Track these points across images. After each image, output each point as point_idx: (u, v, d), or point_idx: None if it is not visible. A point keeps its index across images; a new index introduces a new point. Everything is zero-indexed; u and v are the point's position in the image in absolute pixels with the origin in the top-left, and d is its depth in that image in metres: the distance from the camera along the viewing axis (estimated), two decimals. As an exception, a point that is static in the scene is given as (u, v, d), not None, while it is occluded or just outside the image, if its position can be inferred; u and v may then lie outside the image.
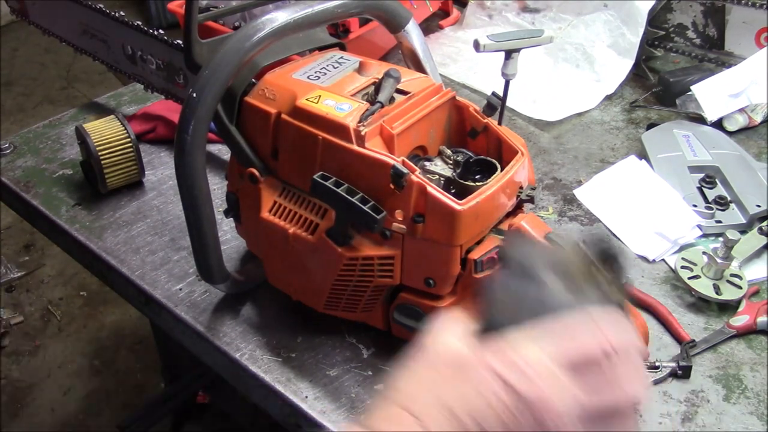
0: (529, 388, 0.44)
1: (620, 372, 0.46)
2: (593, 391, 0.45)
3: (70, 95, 3.44)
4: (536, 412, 0.44)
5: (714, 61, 1.43)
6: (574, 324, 0.47)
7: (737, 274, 0.96)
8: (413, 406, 0.46)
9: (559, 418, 0.44)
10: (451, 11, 1.65)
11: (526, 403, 0.44)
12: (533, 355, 0.46)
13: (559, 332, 0.47)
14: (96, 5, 1.22)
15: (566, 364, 0.45)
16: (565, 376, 0.45)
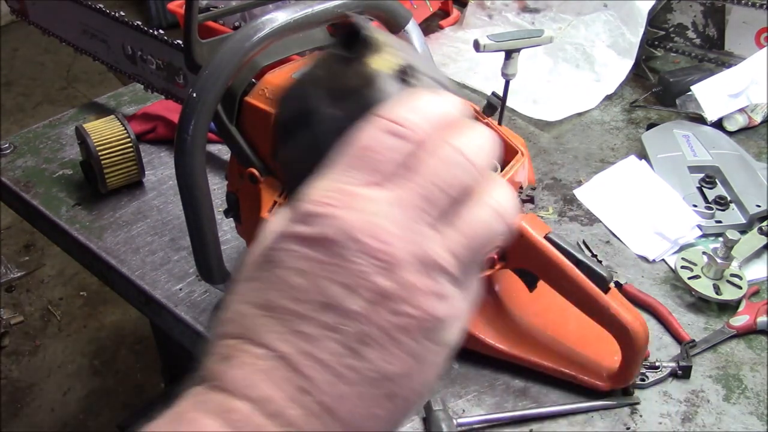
0: (323, 227, 0.36)
1: (432, 152, 0.38)
2: (404, 188, 0.37)
3: (70, 95, 3.44)
4: (342, 244, 0.36)
5: (714, 61, 1.43)
6: (359, 133, 0.38)
7: (737, 274, 0.96)
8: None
9: (379, 235, 0.36)
10: (451, 11, 1.65)
11: (328, 242, 0.36)
12: (321, 187, 0.37)
13: (344, 152, 0.38)
14: (96, 5, 1.22)
15: (356, 173, 0.37)
16: (362, 187, 0.37)
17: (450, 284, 0.37)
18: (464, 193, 0.39)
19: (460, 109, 0.41)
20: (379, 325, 0.36)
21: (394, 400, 0.37)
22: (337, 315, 0.35)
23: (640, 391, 0.83)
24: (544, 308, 0.86)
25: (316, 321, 0.36)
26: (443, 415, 0.78)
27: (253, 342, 0.36)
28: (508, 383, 0.84)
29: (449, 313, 0.38)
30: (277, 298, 0.36)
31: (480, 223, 0.39)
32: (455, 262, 0.37)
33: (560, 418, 0.81)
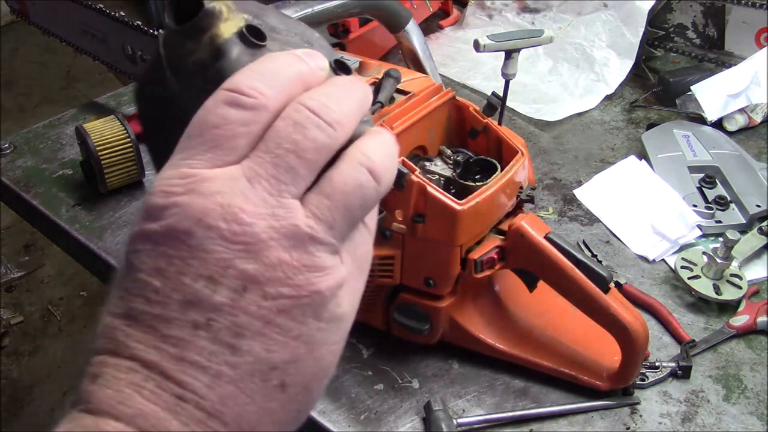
0: (171, 218, 0.33)
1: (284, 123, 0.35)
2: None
3: (70, 95, 3.44)
4: (194, 233, 0.33)
5: (714, 61, 1.43)
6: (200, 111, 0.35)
7: (737, 274, 0.96)
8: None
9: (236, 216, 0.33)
10: (451, 11, 1.65)
11: (178, 234, 0.33)
12: (164, 176, 0.34)
13: (187, 134, 0.35)
14: (96, 5, 1.22)
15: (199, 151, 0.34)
16: (208, 168, 0.34)
17: (326, 253, 0.34)
18: (328, 154, 0.35)
19: (317, 65, 0.37)
20: (252, 312, 0.33)
21: (288, 390, 0.34)
22: (203, 311, 0.33)
23: (640, 391, 0.83)
24: (544, 308, 0.86)
25: (181, 322, 0.33)
26: (443, 415, 0.78)
27: (120, 355, 0.33)
28: (508, 383, 0.84)
29: (331, 284, 0.35)
30: (140, 303, 0.33)
31: (347, 181, 0.35)
32: (325, 228, 0.34)
33: (560, 418, 0.81)
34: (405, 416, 0.81)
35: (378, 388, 0.84)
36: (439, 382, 0.84)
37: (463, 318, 0.84)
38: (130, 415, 0.32)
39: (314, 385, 0.36)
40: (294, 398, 0.35)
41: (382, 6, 0.97)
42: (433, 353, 0.87)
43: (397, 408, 0.81)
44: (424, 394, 0.83)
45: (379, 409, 0.81)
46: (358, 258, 0.37)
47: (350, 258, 0.36)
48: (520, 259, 0.80)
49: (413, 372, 0.85)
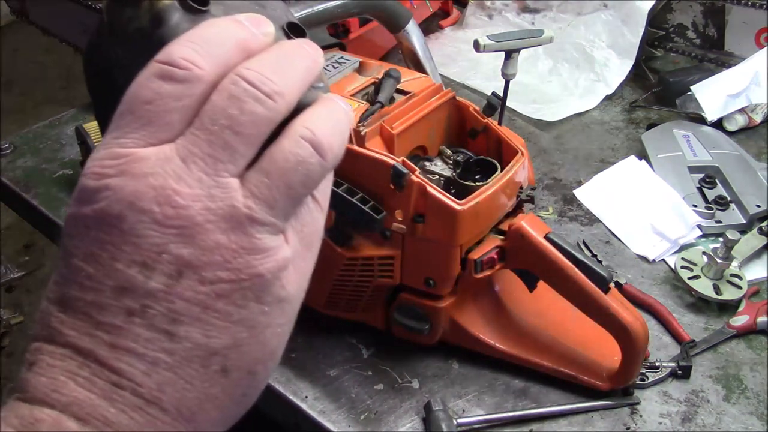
0: (102, 201, 0.32)
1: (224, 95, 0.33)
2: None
3: (70, 95, 3.44)
4: (126, 217, 0.32)
5: (714, 61, 1.43)
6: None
7: (737, 274, 0.96)
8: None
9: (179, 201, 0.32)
10: (451, 11, 1.65)
11: (110, 218, 0.32)
12: (96, 156, 0.33)
13: (119, 110, 0.33)
14: (96, 5, 1.22)
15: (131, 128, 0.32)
16: (140, 147, 0.32)
17: (267, 234, 0.33)
18: (268, 128, 0.33)
19: (261, 31, 0.35)
20: (188, 298, 0.32)
21: (230, 375, 0.34)
22: (138, 297, 0.32)
23: (640, 391, 0.83)
24: (544, 308, 0.86)
25: (115, 308, 0.32)
26: (443, 415, 0.78)
27: (55, 342, 0.32)
28: (508, 383, 0.84)
29: (273, 266, 0.33)
30: (74, 290, 0.32)
31: (285, 157, 0.33)
32: (265, 207, 0.33)
33: (560, 418, 0.81)
34: (405, 416, 0.81)
35: (378, 388, 0.84)
36: (439, 382, 0.84)
37: (463, 318, 0.84)
38: (64, 403, 0.31)
39: (259, 368, 0.35)
40: (237, 383, 0.34)
41: (382, 6, 0.97)
42: (433, 353, 0.87)
43: (397, 408, 0.82)
44: (424, 394, 0.83)
45: (379, 409, 0.81)
46: (305, 236, 0.36)
47: (296, 237, 0.35)
48: (520, 259, 0.80)
49: (413, 372, 0.85)
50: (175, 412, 0.33)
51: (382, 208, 0.76)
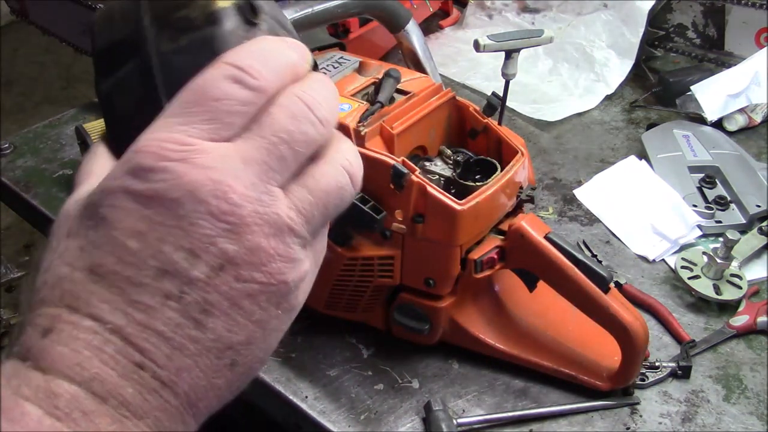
0: (162, 183, 0.33)
1: (279, 107, 0.35)
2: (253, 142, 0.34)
3: (70, 95, 3.44)
4: (184, 204, 0.33)
5: (714, 61, 1.43)
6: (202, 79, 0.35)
7: (737, 274, 0.96)
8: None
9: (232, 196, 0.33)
10: (451, 11, 1.65)
11: (168, 201, 0.33)
12: (157, 137, 0.34)
13: (184, 98, 0.35)
14: (96, 5, 1.22)
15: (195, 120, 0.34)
16: (205, 140, 0.34)
17: (298, 246, 0.35)
18: (313, 149, 0.36)
19: (306, 59, 0.38)
20: (223, 292, 0.33)
21: (235, 369, 0.35)
22: (178, 282, 0.32)
23: (640, 391, 0.83)
24: (544, 308, 0.86)
25: (154, 289, 0.32)
26: (443, 415, 0.78)
27: (80, 312, 0.32)
28: (508, 383, 0.84)
29: (297, 276, 0.35)
30: (110, 263, 0.33)
31: (330, 181, 0.36)
32: (304, 221, 0.35)
33: (560, 418, 0.81)
34: (405, 416, 0.81)
35: (378, 388, 0.84)
36: (439, 382, 0.85)
37: (463, 318, 0.84)
38: (86, 379, 0.31)
39: (257, 366, 0.37)
40: (239, 377, 0.36)
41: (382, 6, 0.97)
42: (433, 353, 0.87)
43: (397, 408, 0.82)
44: (424, 394, 0.83)
45: (379, 409, 0.81)
46: (317, 253, 0.38)
47: (313, 253, 0.37)
48: (520, 259, 0.80)
49: (413, 372, 0.85)
50: (184, 398, 0.33)
51: (382, 208, 0.76)
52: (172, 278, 0.33)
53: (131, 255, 0.32)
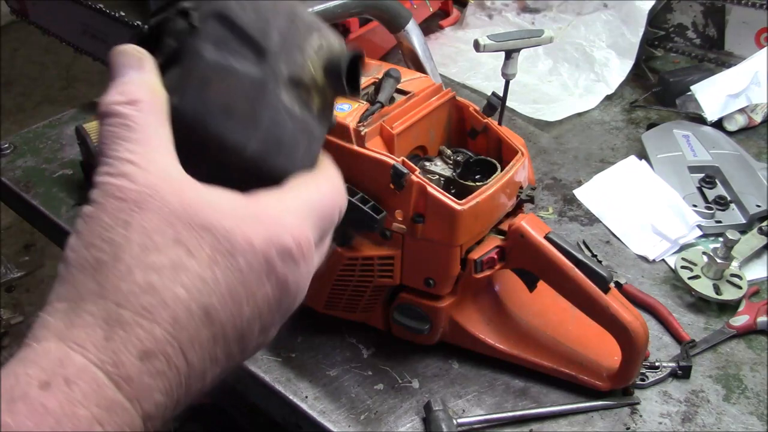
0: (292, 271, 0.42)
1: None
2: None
3: (70, 95, 3.44)
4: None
5: (714, 61, 1.43)
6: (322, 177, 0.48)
7: (737, 274, 0.96)
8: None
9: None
10: (451, 11, 1.65)
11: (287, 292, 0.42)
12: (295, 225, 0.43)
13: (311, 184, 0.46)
14: (96, 5, 1.22)
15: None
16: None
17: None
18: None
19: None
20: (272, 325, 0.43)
21: (244, 355, 0.42)
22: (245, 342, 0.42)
23: (640, 391, 0.83)
24: (544, 308, 0.86)
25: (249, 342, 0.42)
26: (443, 415, 0.78)
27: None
28: (508, 383, 0.84)
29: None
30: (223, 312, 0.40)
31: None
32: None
33: (560, 418, 0.81)
34: (405, 416, 0.81)
35: (378, 388, 0.84)
36: (439, 382, 0.85)
37: (463, 318, 0.84)
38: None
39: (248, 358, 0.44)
40: (238, 362, 0.42)
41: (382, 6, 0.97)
42: (433, 353, 0.87)
43: (397, 408, 0.82)
44: (424, 394, 0.83)
45: (379, 409, 0.81)
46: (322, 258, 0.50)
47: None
48: (520, 259, 0.80)
49: (413, 372, 0.85)
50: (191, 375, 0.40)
51: (382, 208, 0.76)
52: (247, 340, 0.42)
53: (239, 318, 0.40)
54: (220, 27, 0.42)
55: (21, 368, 0.36)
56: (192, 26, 0.42)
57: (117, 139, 0.40)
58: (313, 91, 0.45)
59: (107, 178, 0.39)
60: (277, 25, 0.44)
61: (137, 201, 0.39)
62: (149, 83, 0.42)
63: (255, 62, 0.42)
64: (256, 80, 0.42)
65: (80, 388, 0.35)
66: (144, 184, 0.39)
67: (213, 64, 0.41)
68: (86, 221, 0.40)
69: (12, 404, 0.34)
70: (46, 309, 0.39)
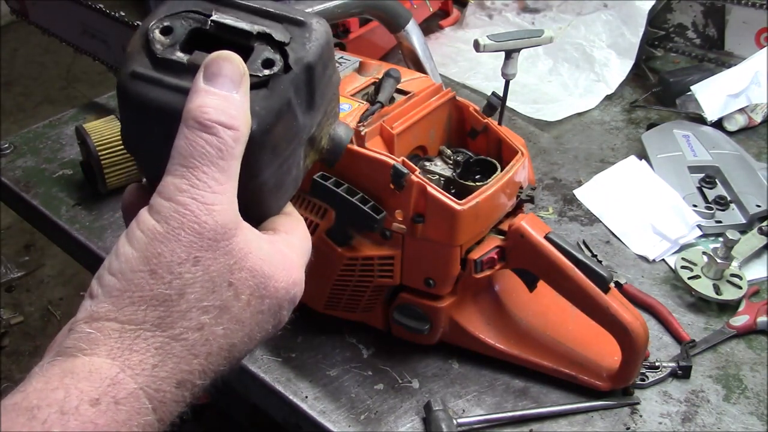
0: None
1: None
2: None
3: (70, 95, 3.44)
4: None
5: (714, 61, 1.43)
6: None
7: (737, 274, 0.96)
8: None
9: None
10: (451, 11, 1.65)
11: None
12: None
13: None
14: (96, 5, 1.22)
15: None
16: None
17: None
18: None
19: None
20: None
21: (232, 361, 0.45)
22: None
23: (640, 391, 0.83)
24: (544, 308, 0.86)
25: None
26: (443, 415, 0.78)
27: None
28: (508, 383, 0.84)
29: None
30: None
31: None
32: None
33: (560, 418, 0.81)
34: (405, 416, 0.81)
35: (378, 388, 0.84)
36: (439, 382, 0.84)
37: (463, 318, 0.84)
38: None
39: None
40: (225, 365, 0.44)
41: (382, 6, 0.97)
42: (433, 353, 0.87)
43: (397, 408, 0.82)
44: (424, 394, 0.83)
45: (379, 409, 0.81)
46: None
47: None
48: (520, 259, 0.80)
49: (413, 372, 0.85)
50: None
51: (382, 208, 0.76)
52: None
53: (246, 350, 0.45)
54: (304, 75, 0.46)
55: (70, 381, 0.37)
56: (288, 67, 0.45)
57: (208, 161, 0.41)
58: (314, 152, 0.51)
59: (189, 201, 0.40)
60: (329, 91, 0.50)
61: (212, 240, 0.41)
62: (246, 111, 0.43)
63: (305, 113, 0.47)
64: (300, 129, 0.47)
65: (126, 409, 0.38)
66: (222, 224, 0.41)
67: (288, 106, 0.45)
68: (153, 242, 0.40)
69: (63, 417, 0.36)
70: (94, 324, 0.40)
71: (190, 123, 0.41)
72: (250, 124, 0.43)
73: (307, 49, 0.46)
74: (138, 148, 0.48)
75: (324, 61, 0.47)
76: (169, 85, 0.44)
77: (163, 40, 0.45)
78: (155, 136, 0.44)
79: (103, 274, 0.41)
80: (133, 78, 0.44)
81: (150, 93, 0.44)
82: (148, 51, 0.45)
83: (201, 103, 0.41)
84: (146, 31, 0.45)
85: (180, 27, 0.46)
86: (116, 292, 0.40)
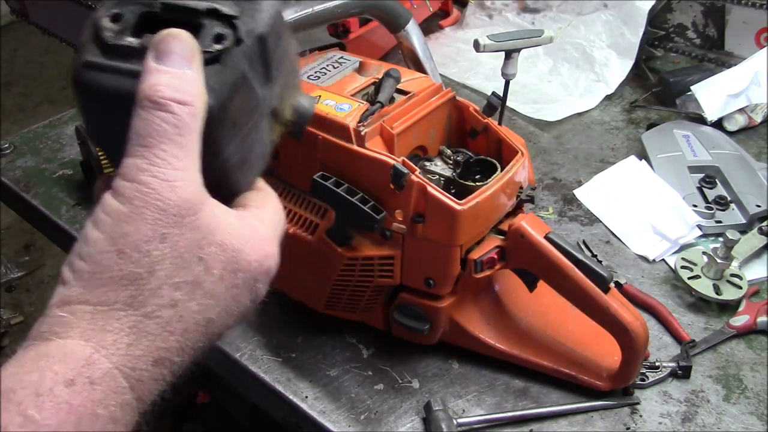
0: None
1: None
2: None
3: (70, 95, 3.40)
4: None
5: (714, 61, 1.43)
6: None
7: (737, 274, 0.96)
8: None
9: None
10: (451, 11, 1.65)
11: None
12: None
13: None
14: (96, 5, 1.22)
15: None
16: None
17: None
18: None
19: None
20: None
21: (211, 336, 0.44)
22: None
23: (640, 391, 0.83)
24: (544, 308, 0.86)
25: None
26: (443, 415, 0.78)
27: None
28: (508, 383, 0.84)
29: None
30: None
31: None
32: None
33: (560, 418, 0.81)
34: (405, 416, 0.81)
35: (378, 388, 0.84)
36: (439, 382, 0.84)
37: (463, 318, 0.84)
38: None
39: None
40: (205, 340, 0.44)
41: (382, 6, 0.97)
42: (433, 353, 0.87)
43: (397, 408, 0.82)
44: (424, 394, 0.83)
45: (379, 409, 0.81)
46: None
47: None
48: (520, 259, 0.80)
49: (413, 372, 0.85)
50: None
51: (382, 208, 0.76)
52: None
53: (225, 325, 0.44)
54: (257, 47, 0.45)
55: (45, 363, 0.38)
56: (239, 40, 0.45)
57: (165, 139, 0.41)
58: (278, 125, 0.51)
59: (150, 180, 0.40)
60: (285, 62, 0.49)
61: (177, 216, 0.40)
62: (200, 85, 0.42)
63: (263, 85, 0.47)
64: (259, 101, 0.47)
65: (102, 389, 0.38)
66: (185, 199, 0.41)
67: (244, 79, 0.45)
68: (118, 222, 0.40)
69: (38, 399, 0.36)
70: (66, 307, 0.40)
71: (144, 103, 0.41)
72: (206, 100, 0.42)
73: (257, 21, 0.46)
74: (102, 139, 0.48)
75: (277, 32, 0.47)
76: (122, 70, 0.43)
77: (113, 27, 0.45)
78: (116, 123, 0.43)
79: (73, 259, 0.41)
80: (86, 68, 0.44)
81: (104, 81, 0.43)
82: (98, 40, 0.44)
83: (153, 82, 0.41)
84: (96, 20, 0.45)
85: (129, 13, 0.45)
86: (86, 275, 0.40)
